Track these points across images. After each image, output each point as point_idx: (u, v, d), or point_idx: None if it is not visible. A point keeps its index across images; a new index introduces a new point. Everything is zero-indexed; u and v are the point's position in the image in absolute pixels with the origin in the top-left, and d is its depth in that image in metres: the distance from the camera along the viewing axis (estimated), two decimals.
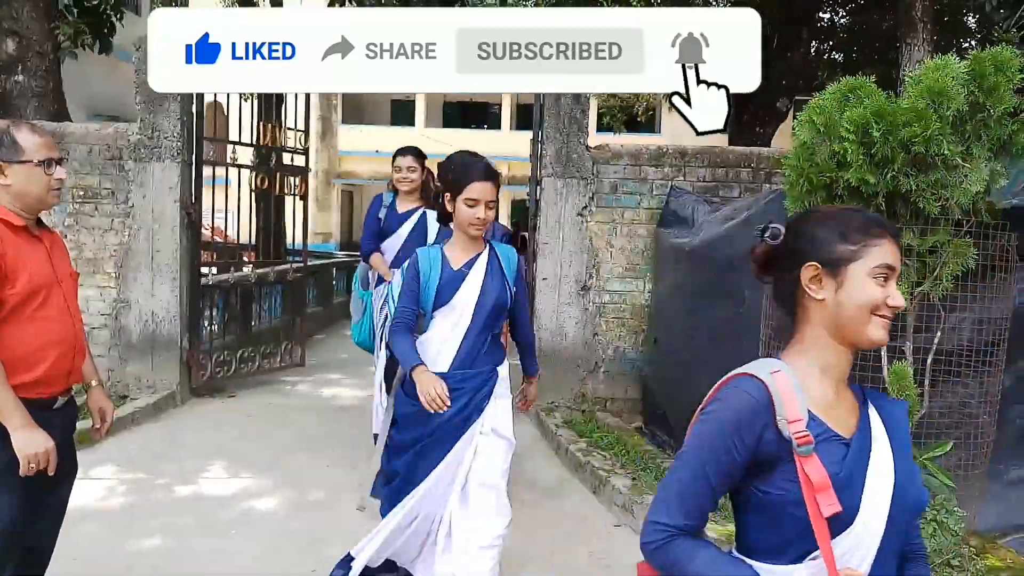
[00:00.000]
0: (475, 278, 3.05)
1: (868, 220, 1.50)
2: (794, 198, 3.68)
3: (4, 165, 2.45)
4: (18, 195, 2.48)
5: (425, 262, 3.05)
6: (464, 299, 3.03)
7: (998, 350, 3.71)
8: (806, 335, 1.52)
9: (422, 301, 3.04)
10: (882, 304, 1.45)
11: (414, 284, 3.04)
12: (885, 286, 1.46)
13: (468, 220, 3.00)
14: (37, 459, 2.38)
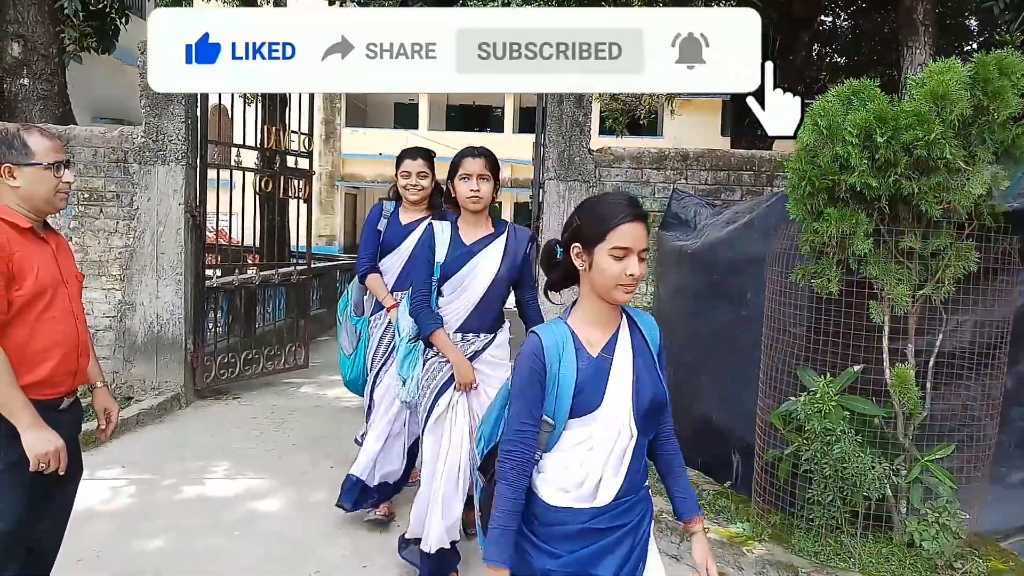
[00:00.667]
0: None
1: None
2: (796, 201, 3.69)
3: (14, 167, 2.48)
4: (27, 197, 2.50)
5: None
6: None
7: (1000, 352, 3.72)
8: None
9: None
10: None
11: None
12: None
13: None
14: (47, 458, 2.41)
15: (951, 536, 3.51)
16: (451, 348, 3.36)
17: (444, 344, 3.36)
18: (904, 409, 3.60)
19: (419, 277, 3.42)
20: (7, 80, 7.75)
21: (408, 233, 4.23)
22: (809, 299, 3.85)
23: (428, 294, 3.38)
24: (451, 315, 3.40)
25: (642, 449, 2.04)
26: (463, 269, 3.36)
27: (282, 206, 8.62)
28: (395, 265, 4.26)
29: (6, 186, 2.49)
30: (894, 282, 3.55)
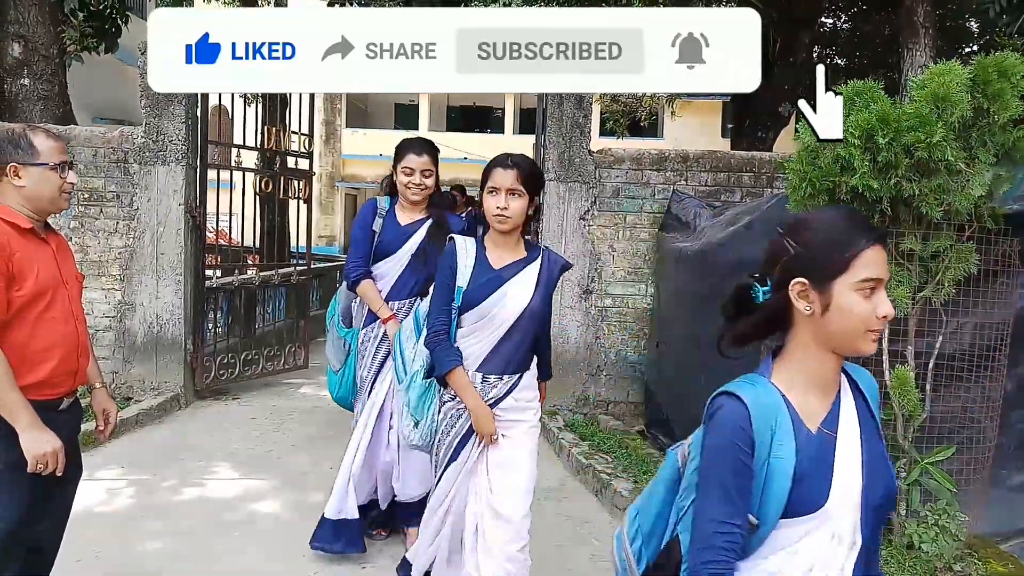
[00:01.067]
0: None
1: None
2: (796, 202, 3.69)
3: (20, 167, 2.48)
4: (31, 197, 2.51)
5: None
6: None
7: (1000, 355, 3.72)
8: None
9: None
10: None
11: None
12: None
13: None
14: (45, 459, 2.40)
15: (950, 538, 3.51)
16: (470, 392, 2.84)
17: (461, 386, 2.84)
18: (904, 411, 3.60)
19: (437, 303, 2.91)
20: (8, 80, 7.75)
21: (409, 236, 3.80)
22: None
23: (447, 324, 2.87)
24: (470, 351, 2.87)
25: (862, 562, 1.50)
26: (490, 298, 2.84)
27: (282, 207, 8.62)
28: (391, 271, 3.81)
29: (10, 186, 2.49)
30: (894, 284, 3.55)
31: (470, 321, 2.87)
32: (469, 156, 26.73)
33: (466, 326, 2.87)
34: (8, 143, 2.50)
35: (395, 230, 3.78)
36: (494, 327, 2.85)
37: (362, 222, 3.82)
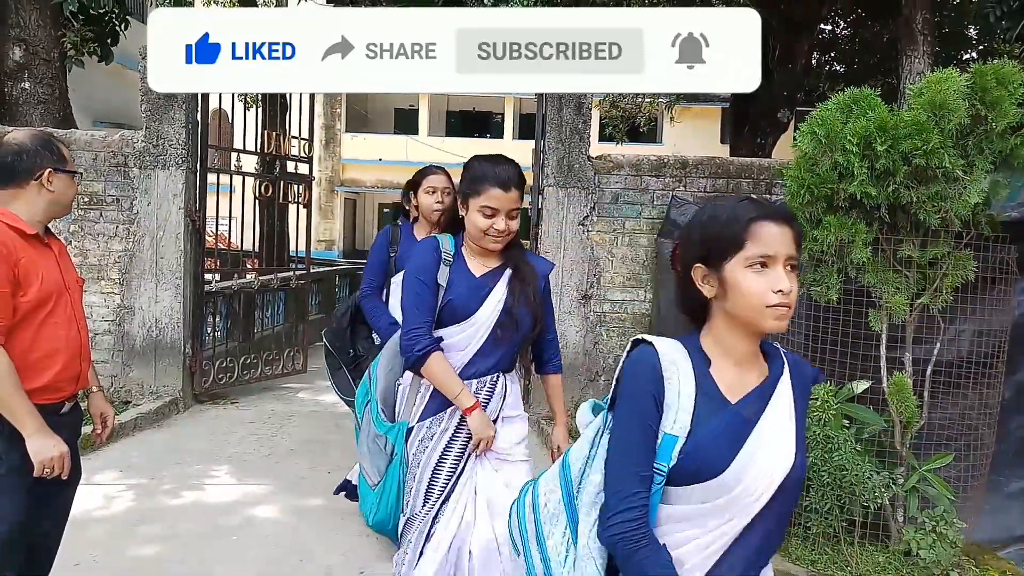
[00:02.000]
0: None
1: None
2: (795, 208, 3.70)
3: (52, 172, 2.50)
4: (55, 202, 2.54)
5: None
6: None
7: (998, 362, 3.73)
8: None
9: None
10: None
11: None
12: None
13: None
14: (52, 463, 2.41)
15: (948, 545, 3.51)
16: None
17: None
18: (901, 418, 3.60)
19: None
20: (8, 84, 7.75)
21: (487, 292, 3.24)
22: (808, 307, 3.85)
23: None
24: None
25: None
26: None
27: (282, 211, 8.63)
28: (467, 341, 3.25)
29: (33, 191, 2.50)
30: (892, 291, 3.56)
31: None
32: None
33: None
34: (44, 148, 2.52)
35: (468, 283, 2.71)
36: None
37: (424, 267, 2.68)
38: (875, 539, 3.76)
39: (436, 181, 3.91)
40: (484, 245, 2.62)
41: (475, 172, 2.60)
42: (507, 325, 2.65)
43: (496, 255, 2.70)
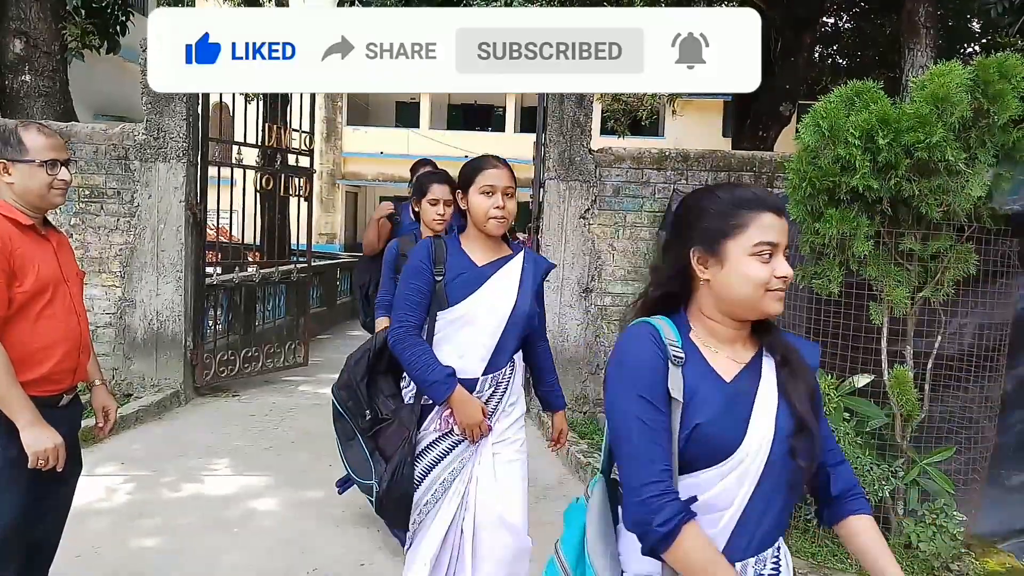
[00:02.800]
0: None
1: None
2: (797, 202, 3.69)
3: (8, 164, 2.49)
4: (21, 194, 2.51)
5: None
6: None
7: (999, 355, 3.72)
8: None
9: None
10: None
11: None
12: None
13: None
14: (46, 455, 2.41)
15: (948, 538, 3.51)
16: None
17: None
18: (902, 411, 3.60)
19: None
20: (9, 76, 7.75)
21: None
22: (809, 300, 3.85)
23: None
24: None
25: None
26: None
27: (283, 204, 8.62)
28: None
29: (2, 183, 2.50)
30: (894, 284, 3.55)
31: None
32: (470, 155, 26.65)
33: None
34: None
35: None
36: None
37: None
38: None
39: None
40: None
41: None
42: None
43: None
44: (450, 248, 2.67)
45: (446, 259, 2.63)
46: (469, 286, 2.61)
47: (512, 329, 2.65)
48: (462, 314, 2.61)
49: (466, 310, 2.60)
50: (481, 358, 2.63)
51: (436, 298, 2.61)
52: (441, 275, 2.59)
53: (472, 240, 2.70)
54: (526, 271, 2.69)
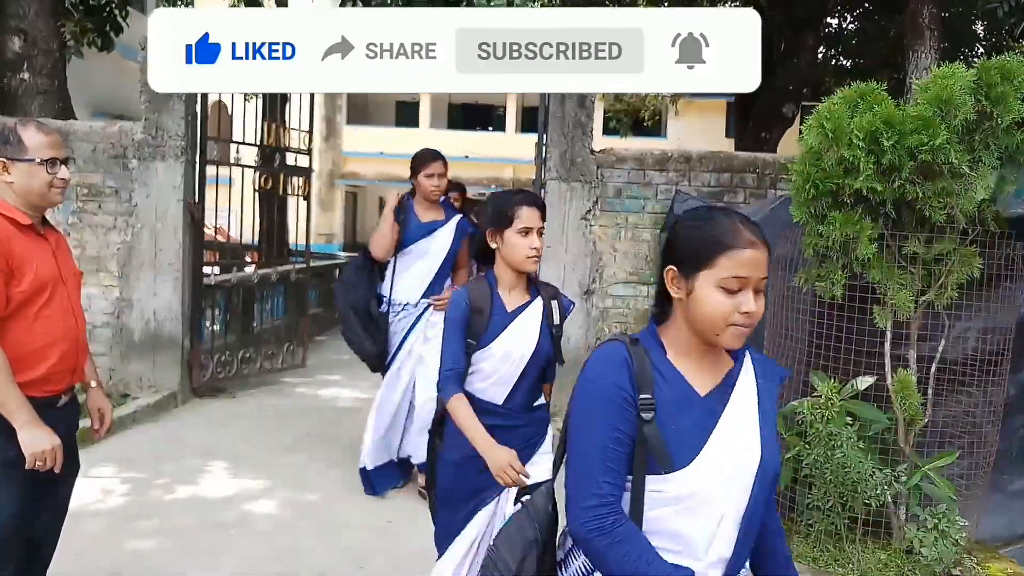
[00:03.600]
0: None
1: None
2: (800, 204, 3.67)
3: (8, 163, 2.46)
4: (20, 192, 2.49)
5: None
6: None
7: (1003, 360, 3.69)
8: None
9: None
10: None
11: None
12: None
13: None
14: (44, 456, 2.39)
15: (950, 543, 3.49)
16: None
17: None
18: (905, 415, 3.58)
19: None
20: (7, 74, 7.72)
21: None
22: (812, 303, 3.82)
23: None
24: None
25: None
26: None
27: (282, 204, 8.60)
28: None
29: (1, 182, 2.48)
30: (897, 287, 3.53)
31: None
32: (471, 155, 26.69)
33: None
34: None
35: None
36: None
37: None
38: (877, 537, 3.74)
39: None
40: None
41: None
42: None
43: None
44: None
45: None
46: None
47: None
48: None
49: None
50: None
51: None
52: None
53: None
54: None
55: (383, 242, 4.56)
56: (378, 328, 4.60)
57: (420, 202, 4.58)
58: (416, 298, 4.54)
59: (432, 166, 4.50)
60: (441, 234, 4.55)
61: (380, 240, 4.57)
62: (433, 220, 4.58)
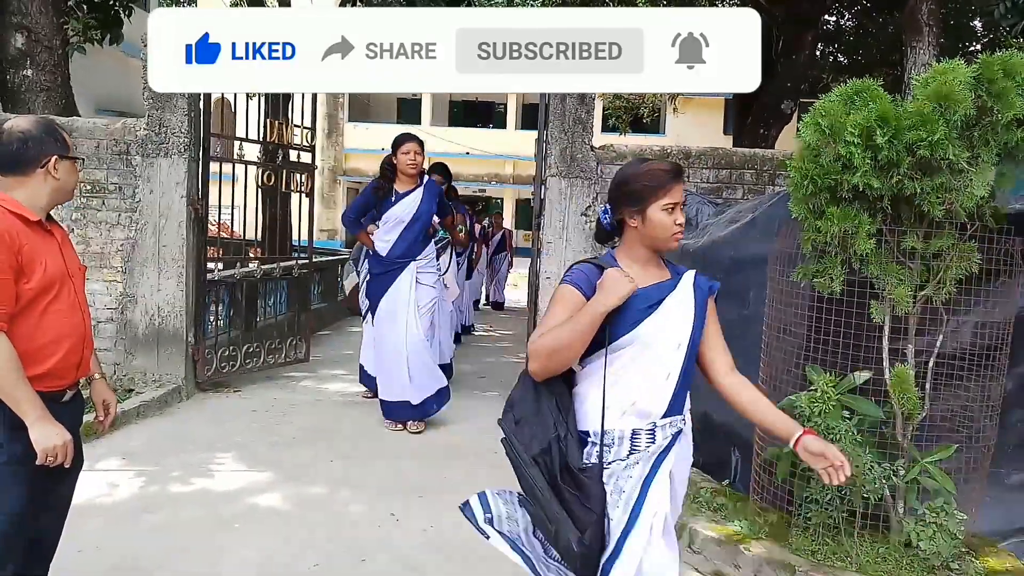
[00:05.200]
0: None
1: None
2: (798, 200, 3.69)
3: (57, 159, 2.50)
4: (59, 190, 2.54)
5: None
6: None
7: (1000, 354, 3.72)
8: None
9: None
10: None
11: None
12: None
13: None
14: (55, 452, 2.41)
15: (948, 537, 3.51)
16: None
17: None
18: (903, 409, 3.60)
19: None
20: (10, 71, 7.74)
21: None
22: (810, 298, 3.85)
23: None
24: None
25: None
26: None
27: (284, 200, 8.61)
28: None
29: (39, 178, 2.50)
30: (895, 282, 3.55)
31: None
32: (471, 151, 26.68)
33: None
34: (48, 135, 2.51)
35: None
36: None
37: None
38: (875, 530, 3.76)
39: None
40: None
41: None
42: None
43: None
44: None
45: None
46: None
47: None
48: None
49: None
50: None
51: None
52: None
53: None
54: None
55: None
56: None
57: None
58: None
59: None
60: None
61: None
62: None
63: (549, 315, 2.25)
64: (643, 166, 2.33)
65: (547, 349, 2.15)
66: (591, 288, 2.21)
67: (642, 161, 2.37)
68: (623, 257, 2.34)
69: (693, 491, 4.46)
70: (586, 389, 2.30)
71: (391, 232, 5.67)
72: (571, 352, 2.18)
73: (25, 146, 2.48)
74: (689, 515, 4.09)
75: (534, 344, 2.18)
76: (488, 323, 12.42)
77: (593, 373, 2.26)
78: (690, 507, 4.23)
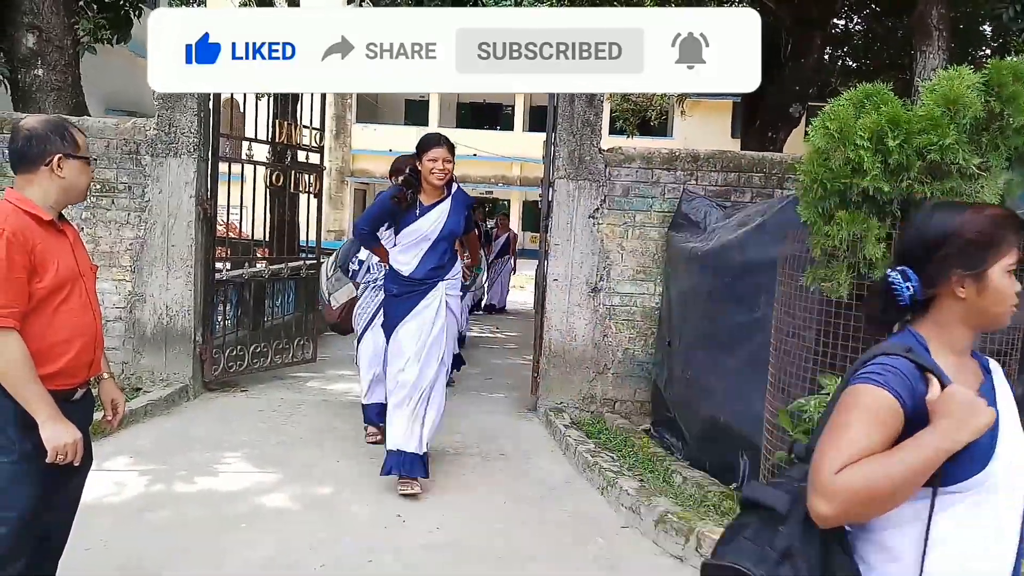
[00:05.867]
0: None
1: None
2: (807, 203, 3.68)
3: (63, 159, 2.51)
4: (67, 189, 2.55)
5: None
6: None
7: (1010, 360, 3.70)
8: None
9: None
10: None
11: None
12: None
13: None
14: (65, 450, 2.43)
15: None
16: None
17: None
18: None
19: None
20: (21, 71, 7.77)
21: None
22: (819, 302, 3.84)
23: None
24: None
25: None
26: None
27: (292, 200, 8.64)
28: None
29: (46, 177, 2.51)
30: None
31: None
32: (479, 153, 26.70)
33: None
34: (55, 133, 2.52)
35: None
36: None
37: None
38: None
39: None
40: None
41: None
42: None
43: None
44: None
45: None
46: None
47: None
48: None
49: None
50: None
51: None
52: None
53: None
54: None
55: None
56: None
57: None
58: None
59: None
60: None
61: None
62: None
63: (848, 429, 1.52)
64: (979, 213, 1.64)
65: (862, 493, 1.45)
66: (913, 399, 1.53)
67: (959, 206, 1.72)
68: (935, 344, 1.61)
69: (701, 494, 4.46)
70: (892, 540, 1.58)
71: (413, 249, 4.65)
72: (899, 500, 1.50)
73: (29, 144, 2.50)
74: (697, 518, 4.09)
75: (836, 480, 1.46)
76: (493, 325, 12.43)
77: (906, 522, 1.55)
78: (698, 510, 4.23)
